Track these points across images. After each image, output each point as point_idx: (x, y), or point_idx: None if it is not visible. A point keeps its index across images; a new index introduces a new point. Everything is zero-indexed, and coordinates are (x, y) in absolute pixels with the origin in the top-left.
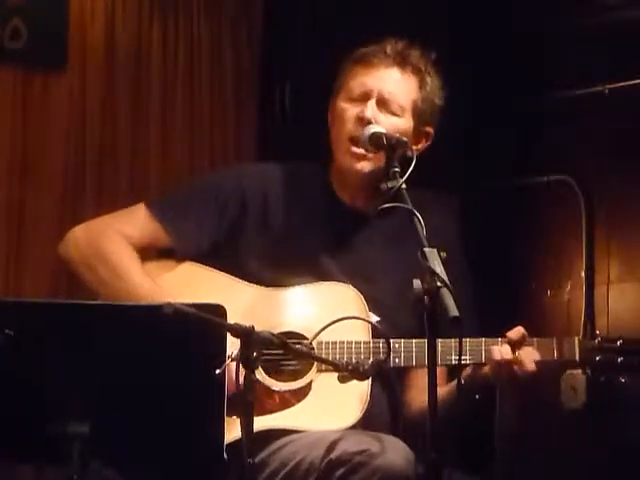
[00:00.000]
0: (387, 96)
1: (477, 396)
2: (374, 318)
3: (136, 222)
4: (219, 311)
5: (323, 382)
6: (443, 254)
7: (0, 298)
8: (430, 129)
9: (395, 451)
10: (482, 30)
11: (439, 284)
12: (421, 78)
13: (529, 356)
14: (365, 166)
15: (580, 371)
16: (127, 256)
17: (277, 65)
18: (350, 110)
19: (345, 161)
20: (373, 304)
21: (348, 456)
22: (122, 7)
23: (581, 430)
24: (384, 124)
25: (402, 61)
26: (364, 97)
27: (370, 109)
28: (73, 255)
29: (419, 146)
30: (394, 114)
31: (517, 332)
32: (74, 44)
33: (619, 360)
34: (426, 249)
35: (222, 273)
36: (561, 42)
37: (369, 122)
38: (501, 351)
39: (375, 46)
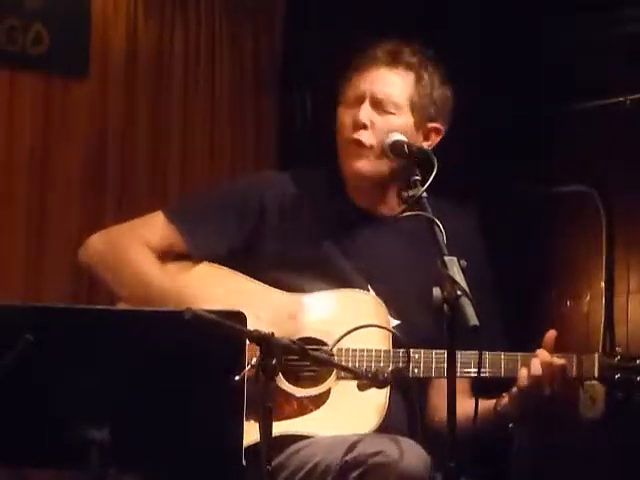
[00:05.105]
0: (379, 96)
1: (511, 425)
2: (394, 322)
3: (154, 229)
4: (239, 318)
5: (342, 390)
6: (463, 262)
7: (20, 303)
8: (438, 124)
9: (411, 454)
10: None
11: (459, 292)
12: (415, 73)
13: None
14: (364, 165)
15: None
16: (148, 260)
17: (297, 67)
18: (346, 116)
19: (345, 164)
20: (392, 306)
21: (364, 457)
22: (144, 11)
23: (599, 439)
24: (380, 124)
25: (392, 60)
26: (358, 101)
27: (363, 111)
28: (94, 261)
29: (429, 142)
30: (389, 113)
31: (549, 337)
32: (96, 49)
33: (638, 379)
34: (446, 257)
35: (244, 276)
36: (584, 53)
37: (364, 125)
38: (533, 366)
39: (368, 51)
